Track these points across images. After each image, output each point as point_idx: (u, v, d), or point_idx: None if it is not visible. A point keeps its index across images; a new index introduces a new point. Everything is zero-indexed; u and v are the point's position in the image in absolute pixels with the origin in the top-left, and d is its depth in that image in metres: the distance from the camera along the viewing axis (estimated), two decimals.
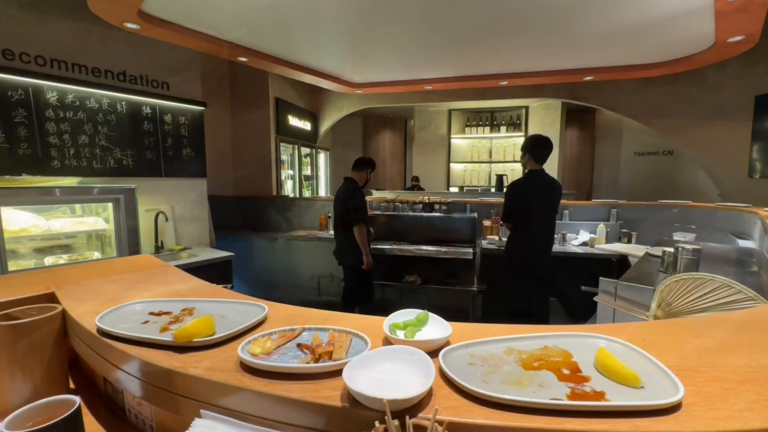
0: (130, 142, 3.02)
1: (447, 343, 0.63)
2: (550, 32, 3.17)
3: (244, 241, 4.45)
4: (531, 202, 2.74)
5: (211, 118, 4.83)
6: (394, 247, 3.78)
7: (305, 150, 6.43)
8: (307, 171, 6.56)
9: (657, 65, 3.96)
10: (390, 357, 0.56)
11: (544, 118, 6.68)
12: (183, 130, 3.43)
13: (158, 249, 3.18)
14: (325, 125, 6.80)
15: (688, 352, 0.60)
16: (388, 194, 5.53)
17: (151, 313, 0.83)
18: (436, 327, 0.68)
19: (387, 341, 0.65)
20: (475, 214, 3.84)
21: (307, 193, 6.48)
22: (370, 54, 3.92)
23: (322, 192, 7.08)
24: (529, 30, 3.12)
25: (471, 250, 3.58)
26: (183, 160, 3.44)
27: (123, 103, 2.97)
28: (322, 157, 7.18)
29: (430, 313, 0.72)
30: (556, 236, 3.60)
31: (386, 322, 0.68)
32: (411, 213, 4.11)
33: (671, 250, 1.67)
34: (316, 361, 0.56)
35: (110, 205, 2.71)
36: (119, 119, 2.95)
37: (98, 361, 0.77)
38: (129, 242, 2.74)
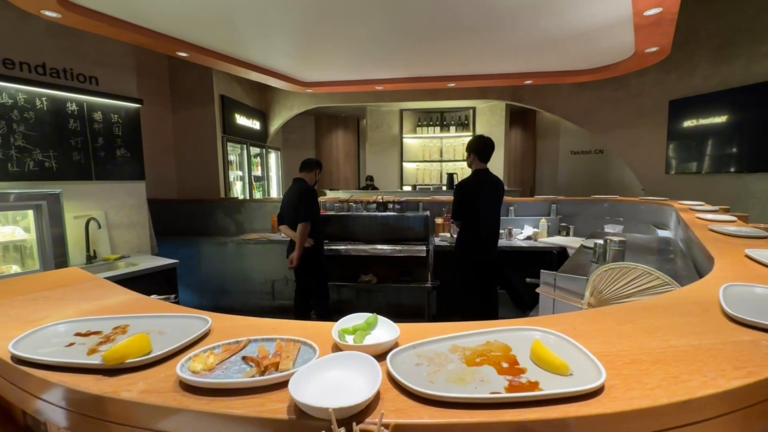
0: (53, 142, 2.72)
1: (396, 345, 0.64)
2: (493, 38, 3.33)
3: (190, 246, 4.19)
4: (478, 200, 2.86)
5: (150, 116, 4.49)
6: (350, 247, 3.78)
7: (255, 150, 6.19)
8: (258, 171, 6.32)
9: (587, 71, 4.32)
10: (338, 364, 0.57)
11: (490, 118, 7.01)
12: (116, 129, 3.15)
13: (90, 259, 2.90)
14: (275, 124, 6.60)
15: (611, 338, 0.67)
16: (342, 194, 5.50)
17: (78, 334, 0.75)
18: (385, 330, 0.69)
19: (336, 348, 0.65)
20: (428, 213, 3.94)
21: (257, 195, 6.25)
22: (320, 53, 3.86)
23: (274, 193, 6.86)
24: (473, 35, 3.26)
25: (424, 248, 3.67)
26: (117, 161, 3.16)
27: (43, 98, 2.66)
28: (272, 157, 6.96)
29: (379, 316, 0.73)
30: (502, 231, 3.81)
31: (335, 328, 0.68)
32: (365, 213, 4.12)
33: (601, 242, 1.83)
34: (262, 373, 0.55)
35: (30, 212, 2.42)
36: (39, 117, 2.64)
37: (14, 391, 0.68)
38: (55, 253, 2.47)
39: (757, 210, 4.07)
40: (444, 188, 6.56)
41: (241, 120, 5.69)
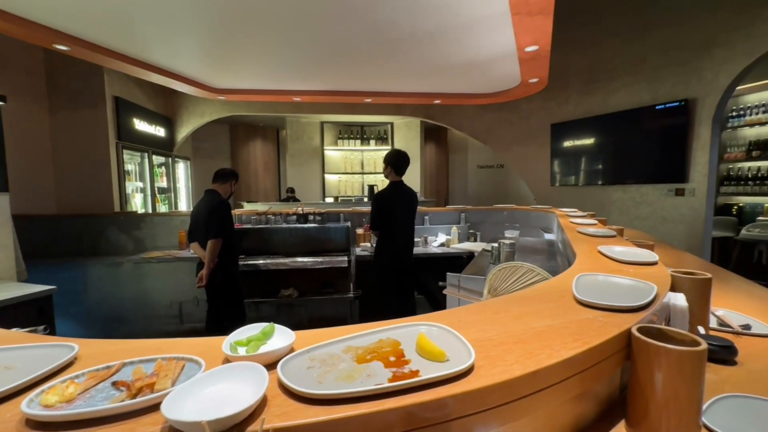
0: None
1: (291, 351, 0.64)
2: (401, 60, 3.57)
3: (74, 269, 3.60)
4: (394, 211, 3.00)
5: (19, 116, 3.79)
6: (269, 261, 3.62)
7: (159, 159, 5.61)
8: (163, 182, 5.72)
9: (485, 95, 4.87)
10: (224, 377, 0.55)
11: (407, 133, 7.41)
12: None
13: None
14: (183, 132, 6.08)
15: (487, 325, 0.76)
16: (260, 207, 5.26)
17: None
18: (281, 338, 0.69)
19: (227, 361, 0.62)
20: (349, 223, 3.98)
21: (163, 208, 5.64)
22: (233, 59, 3.70)
23: (183, 206, 6.27)
24: (387, 55, 3.45)
25: (346, 258, 3.69)
26: None
27: None
28: (181, 167, 6.37)
29: (277, 325, 0.72)
30: (419, 239, 4.02)
31: (226, 341, 0.66)
32: (285, 225, 4.01)
33: (496, 245, 2.05)
34: (134, 396, 0.50)
35: None
36: None
37: None
38: None
39: (615, 215, 4.95)
40: (365, 199, 6.70)
41: (142, 125, 5.12)
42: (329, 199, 7.41)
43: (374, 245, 3.49)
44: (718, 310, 1.26)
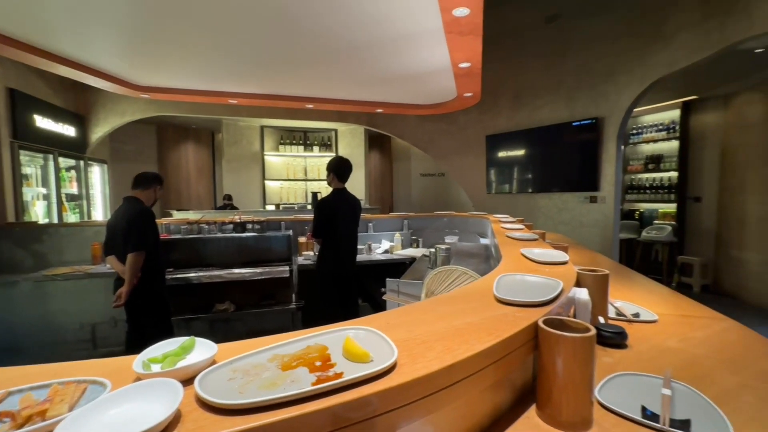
0: None
1: (212, 364, 0.61)
2: (344, 68, 3.62)
3: None
4: (337, 218, 2.99)
5: None
6: (201, 274, 3.39)
7: (68, 162, 4.99)
8: (73, 189, 5.09)
9: (425, 106, 5.09)
10: (133, 396, 0.51)
11: (351, 141, 7.45)
12: None
13: None
14: (98, 132, 5.49)
15: (413, 326, 0.79)
16: (192, 215, 4.92)
17: None
18: (203, 351, 0.66)
19: (139, 380, 0.58)
20: (291, 232, 3.88)
21: (73, 218, 5.02)
22: (159, 55, 3.44)
23: (99, 215, 5.63)
24: (327, 62, 3.46)
25: (287, 268, 3.59)
26: None
27: None
28: (96, 172, 5.73)
29: (198, 338, 0.69)
30: (363, 247, 4.05)
31: (138, 359, 0.61)
32: (220, 234, 3.79)
33: (433, 250, 2.14)
34: (20, 427, 0.45)
35: None
36: None
37: None
38: None
39: (541, 220, 5.43)
40: (309, 207, 6.58)
41: (45, 123, 4.53)
42: (270, 207, 7.15)
43: (317, 253, 3.44)
44: (617, 301, 1.44)
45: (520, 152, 5.74)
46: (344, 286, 3.12)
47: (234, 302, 3.59)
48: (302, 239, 4.16)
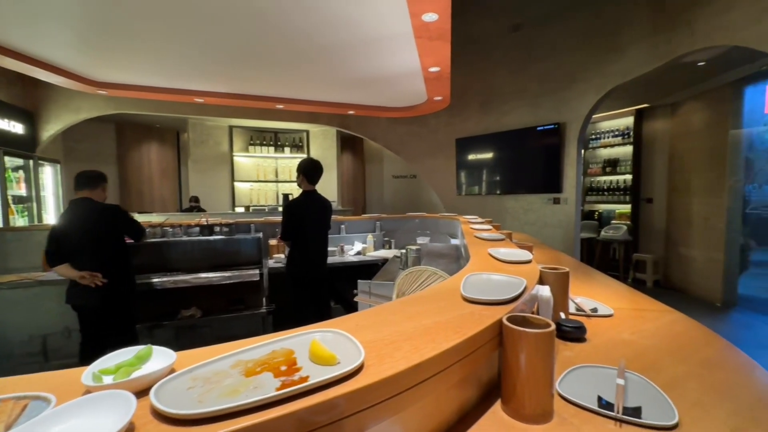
0: None
1: (171, 372, 0.59)
2: (315, 69, 3.58)
3: None
4: (306, 220, 2.95)
5: None
6: (165, 279, 3.25)
7: (14, 161, 4.63)
8: (20, 190, 4.72)
9: (396, 109, 5.13)
10: (81, 410, 0.48)
11: (323, 142, 7.38)
12: None
13: None
14: (50, 129, 5.13)
15: (381, 326, 0.80)
16: (155, 217, 4.69)
17: None
18: (160, 360, 0.63)
19: (88, 392, 0.55)
20: (261, 234, 3.78)
21: (20, 221, 4.65)
22: (118, 50, 3.26)
23: (51, 218, 5.25)
24: (297, 62, 3.42)
25: (258, 272, 3.50)
26: None
27: None
28: (48, 172, 5.35)
29: (155, 347, 0.65)
30: (335, 248, 4.02)
31: (88, 370, 0.57)
32: (186, 238, 3.63)
33: (404, 251, 2.16)
34: None
35: None
36: None
37: None
38: None
39: (509, 221, 5.61)
40: (280, 209, 6.45)
41: None
42: (240, 209, 6.95)
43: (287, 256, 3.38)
44: (577, 297, 1.51)
45: (489, 155, 5.91)
46: (315, 289, 3.08)
47: (201, 308, 3.46)
48: (273, 242, 4.07)
